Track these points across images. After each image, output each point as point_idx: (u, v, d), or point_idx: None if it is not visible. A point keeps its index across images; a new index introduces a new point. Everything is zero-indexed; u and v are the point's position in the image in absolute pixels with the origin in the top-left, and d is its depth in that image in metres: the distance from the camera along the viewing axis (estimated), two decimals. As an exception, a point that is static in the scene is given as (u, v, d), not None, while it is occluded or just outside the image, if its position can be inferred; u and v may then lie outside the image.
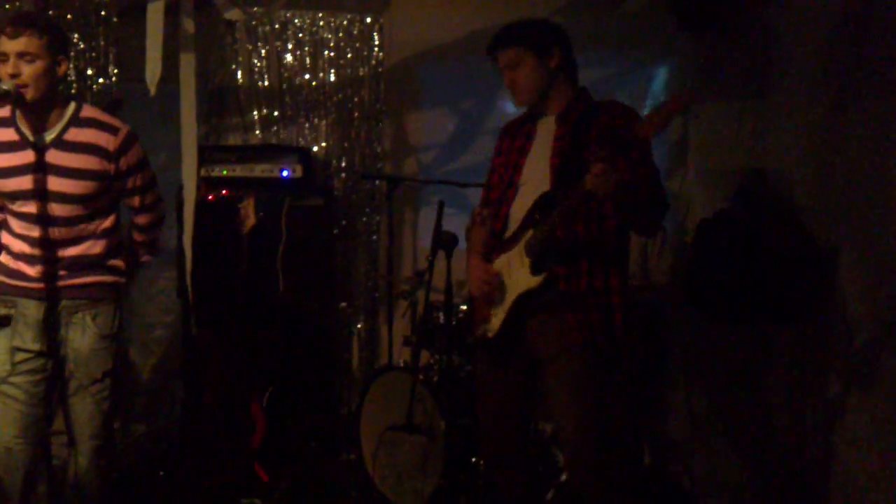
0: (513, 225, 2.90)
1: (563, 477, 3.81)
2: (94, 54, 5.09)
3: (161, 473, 4.27)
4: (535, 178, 2.86)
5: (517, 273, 2.82)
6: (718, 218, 3.90)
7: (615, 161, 2.44)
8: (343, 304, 4.72)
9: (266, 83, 5.20)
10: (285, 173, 4.72)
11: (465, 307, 4.10)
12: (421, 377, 3.80)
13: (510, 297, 2.83)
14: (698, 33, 4.57)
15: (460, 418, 3.85)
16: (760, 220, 3.68)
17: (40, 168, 2.85)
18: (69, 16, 5.08)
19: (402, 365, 4.30)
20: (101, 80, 5.12)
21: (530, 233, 2.78)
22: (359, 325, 5.16)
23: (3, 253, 2.99)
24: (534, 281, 2.75)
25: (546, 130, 2.91)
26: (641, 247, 4.27)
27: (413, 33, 5.24)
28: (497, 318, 2.87)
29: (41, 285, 2.92)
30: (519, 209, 2.88)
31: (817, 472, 3.51)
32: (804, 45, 3.75)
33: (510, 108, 4.20)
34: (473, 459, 3.87)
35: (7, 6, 5.07)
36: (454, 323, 3.94)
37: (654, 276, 4.27)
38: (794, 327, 3.70)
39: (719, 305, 3.80)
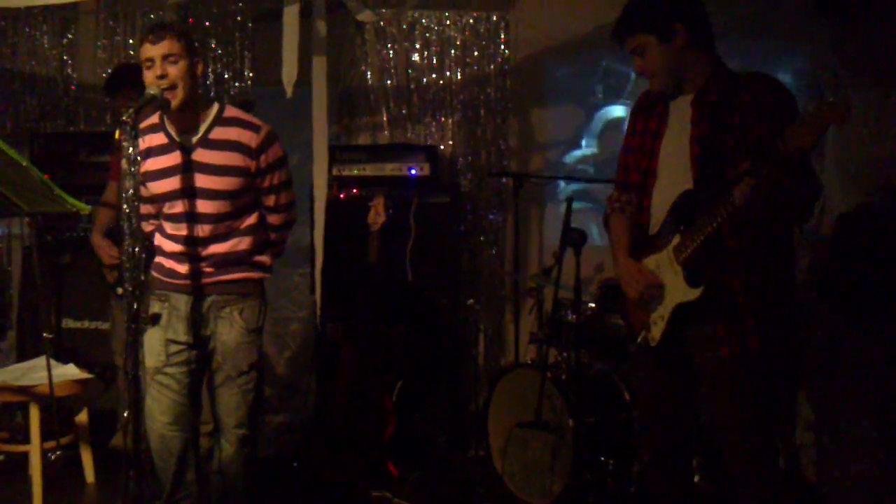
0: (655, 218, 2.77)
1: (696, 478, 3.73)
2: (230, 59, 5.30)
3: (295, 464, 4.42)
4: (673, 166, 2.72)
5: (671, 280, 2.69)
6: (860, 213, 3.72)
7: (768, 178, 2.30)
8: (471, 301, 4.75)
9: (394, 83, 5.29)
10: (413, 171, 4.79)
11: (593, 305, 4.06)
12: (549, 374, 3.79)
13: (669, 305, 2.71)
14: (837, 19, 4.37)
15: (589, 416, 3.82)
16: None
17: (188, 167, 2.99)
18: (207, 23, 5.31)
19: (529, 362, 4.30)
20: (237, 84, 5.32)
21: (677, 239, 2.66)
22: (485, 322, 5.19)
23: (158, 254, 3.14)
24: (692, 293, 2.62)
25: (681, 112, 2.73)
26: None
27: (539, 29, 5.23)
28: (658, 328, 2.76)
29: (191, 282, 3.06)
30: (660, 201, 2.75)
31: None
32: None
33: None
34: (602, 458, 3.84)
35: (152, 16, 5.35)
36: (583, 320, 3.91)
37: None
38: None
39: (860, 305, 3.64)
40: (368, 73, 5.29)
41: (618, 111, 5.19)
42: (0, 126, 5.32)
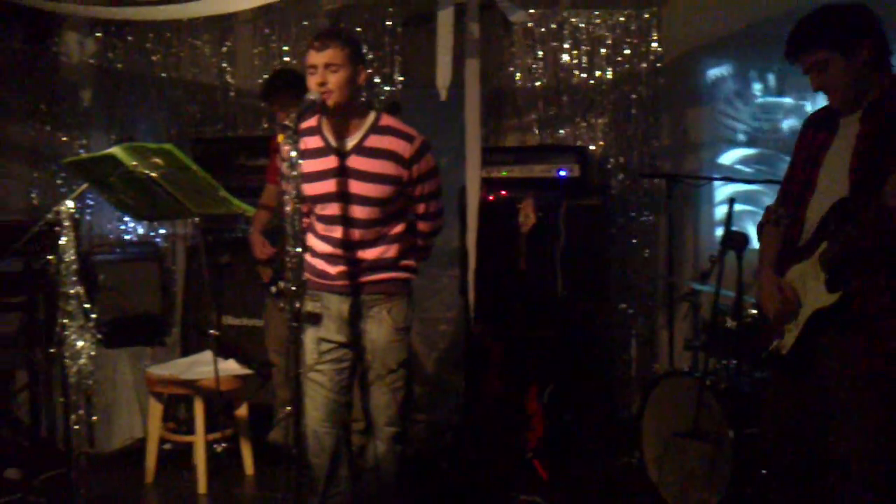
0: (808, 231, 2.71)
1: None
2: (381, 63, 5.39)
3: (443, 463, 4.44)
4: (833, 179, 2.66)
5: (812, 287, 2.64)
6: None
7: None
8: (623, 306, 4.65)
9: (543, 83, 5.24)
10: (563, 173, 4.73)
11: (754, 311, 3.89)
12: (708, 382, 3.66)
13: (805, 313, 2.66)
14: None
15: (750, 427, 3.66)
16: None
17: (342, 172, 3.05)
18: (358, 28, 5.41)
19: (686, 369, 4.16)
20: (386, 88, 5.41)
21: (824, 245, 2.59)
22: (637, 327, 5.07)
23: (309, 253, 3.22)
24: (829, 298, 2.56)
25: (850, 126, 2.67)
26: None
27: (692, 27, 5.10)
28: (791, 335, 2.70)
29: (342, 282, 3.12)
30: (815, 213, 2.69)
31: None
32: None
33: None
34: (764, 471, 3.67)
35: (304, 22, 5.51)
36: (744, 327, 3.75)
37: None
38: None
39: None
40: (517, 74, 5.26)
41: (777, 109, 4.97)
42: (165, 131, 5.59)
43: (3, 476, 4.28)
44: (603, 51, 5.18)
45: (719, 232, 4.89)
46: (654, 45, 5.15)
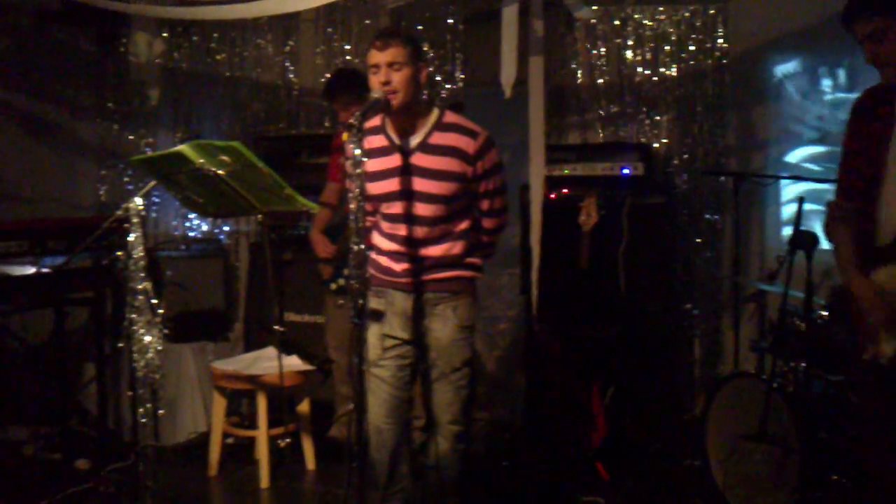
0: (885, 227, 2.58)
1: None
2: (442, 61, 5.38)
3: (504, 463, 4.42)
4: None
5: None
6: None
7: None
8: (687, 306, 4.57)
9: (605, 80, 5.19)
10: (626, 171, 4.67)
11: (824, 313, 3.80)
12: (775, 385, 3.58)
13: None
14: None
15: (819, 432, 3.58)
16: None
17: (406, 170, 3.05)
18: (419, 27, 5.41)
19: (752, 371, 4.08)
20: (448, 86, 5.40)
21: None
22: (701, 328, 4.99)
23: (374, 251, 3.23)
24: None
25: None
26: None
27: (760, 21, 4.99)
28: (889, 345, 2.58)
29: (406, 279, 3.13)
30: (890, 209, 2.57)
31: None
32: None
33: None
34: (834, 477, 3.58)
35: (367, 21, 5.53)
36: (814, 329, 3.67)
37: None
38: None
39: None
40: (579, 71, 5.21)
41: (847, 106, 4.82)
42: (229, 130, 5.67)
43: (74, 466, 4.39)
44: (667, 47, 5.11)
45: (786, 232, 4.80)
46: (720, 41, 5.05)
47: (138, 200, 3.23)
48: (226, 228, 5.70)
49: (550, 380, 4.30)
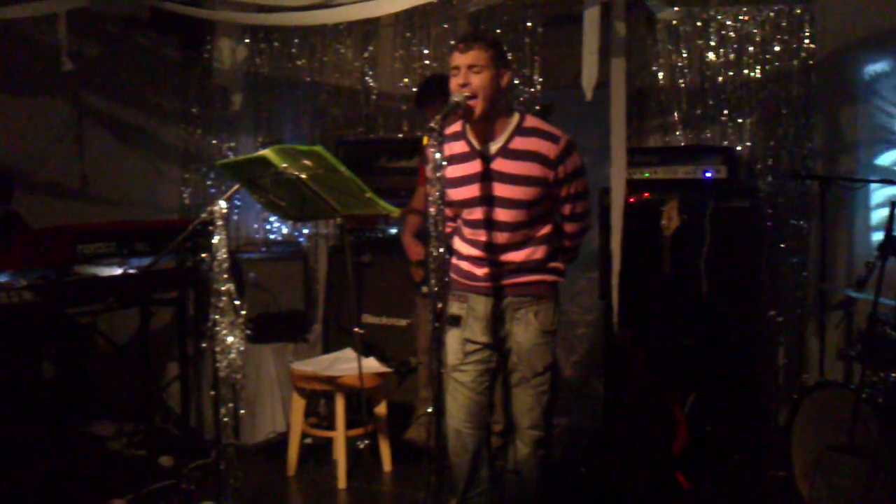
0: None
1: None
2: (521, 65, 5.36)
3: (582, 469, 4.37)
4: None
5: None
6: None
7: None
8: (772, 313, 4.45)
9: (687, 82, 5.10)
10: (709, 174, 4.58)
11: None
12: (864, 395, 3.47)
13: None
14: None
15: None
16: None
17: (487, 176, 3.05)
18: (498, 30, 5.40)
19: (839, 380, 3.96)
20: (527, 90, 5.37)
21: None
22: (786, 335, 4.86)
23: (455, 256, 3.23)
24: None
25: None
26: None
27: (848, 21, 4.83)
28: None
29: (488, 284, 3.12)
30: None
31: None
32: None
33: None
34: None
35: (444, 25, 5.55)
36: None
37: None
38: None
39: None
40: (660, 73, 5.13)
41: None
42: (309, 134, 5.75)
43: (158, 462, 4.50)
44: (751, 48, 4.99)
45: (876, 237, 4.64)
46: (807, 41, 4.91)
47: (222, 203, 3.28)
48: (305, 231, 5.78)
49: (630, 386, 4.24)
